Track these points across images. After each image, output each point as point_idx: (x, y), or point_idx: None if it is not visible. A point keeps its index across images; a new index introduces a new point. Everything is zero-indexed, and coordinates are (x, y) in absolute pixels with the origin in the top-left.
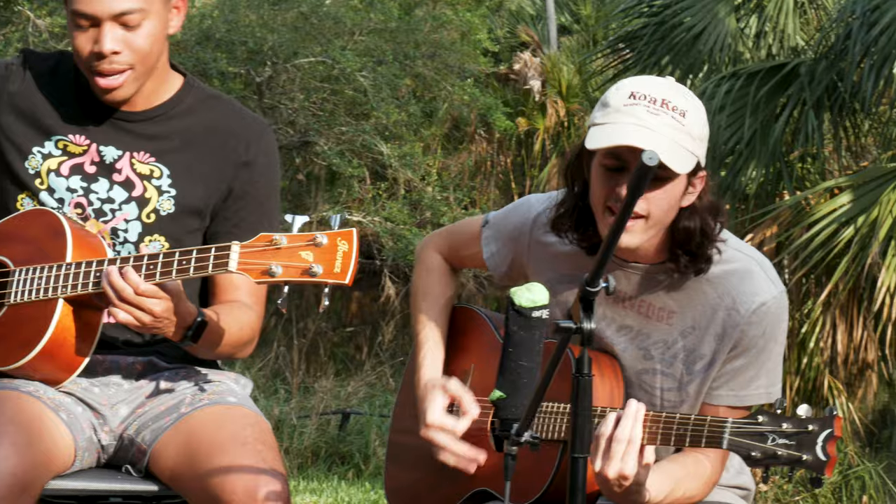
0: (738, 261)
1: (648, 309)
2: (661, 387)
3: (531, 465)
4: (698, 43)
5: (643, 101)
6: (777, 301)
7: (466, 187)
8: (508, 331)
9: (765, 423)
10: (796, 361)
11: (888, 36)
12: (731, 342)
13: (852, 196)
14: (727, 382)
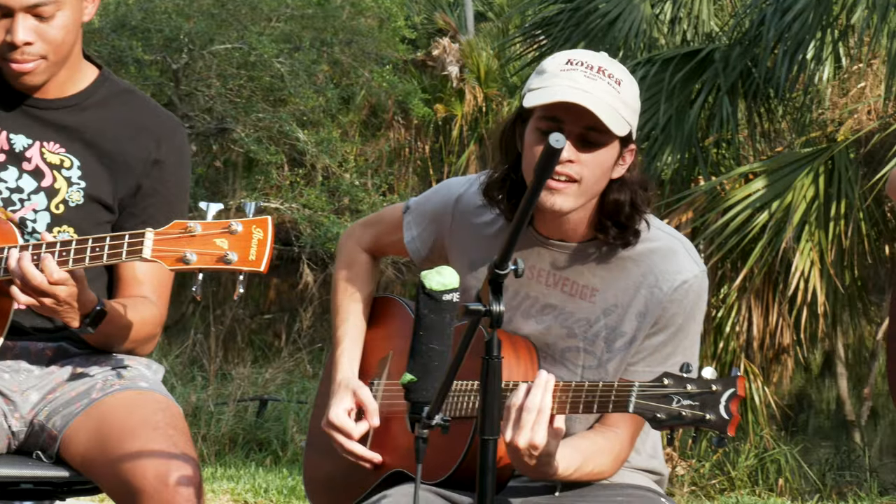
0: (660, 239)
1: (572, 287)
2: (582, 364)
3: (444, 443)
4: (613, 29)
5: (580, 66)
6: (699, 280)
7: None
8: (419, 314)
9: (670, 385)
10: (712, 346)
11: (801, 22)
12: (651, 319)
13: (766, 181)
14: (644, 359)
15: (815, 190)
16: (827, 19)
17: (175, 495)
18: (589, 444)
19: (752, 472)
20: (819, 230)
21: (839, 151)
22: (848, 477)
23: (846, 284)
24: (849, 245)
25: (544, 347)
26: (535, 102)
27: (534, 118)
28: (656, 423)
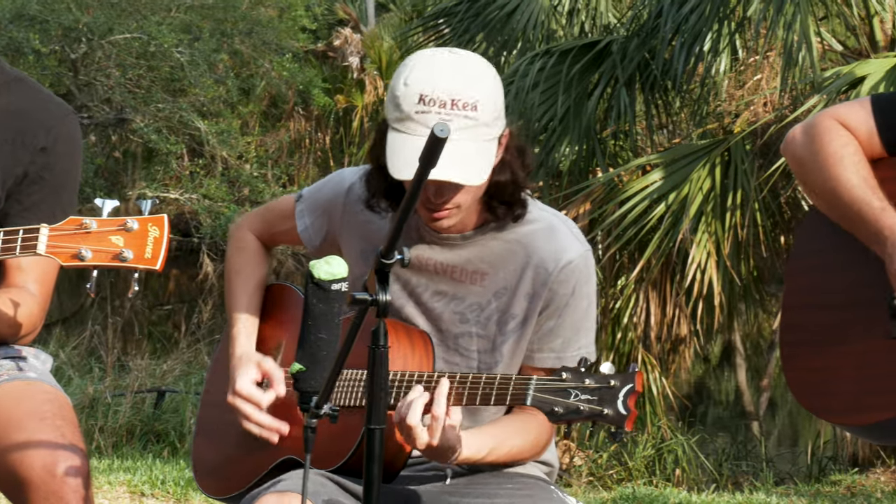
0: (542, 220)
1: (461, 274)
2: (476, 349)
3: (338, 432)
4: (511, 20)
5: (434, 106)
6: (583, 258)
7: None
8: (308, 304)
9: (568, 379)
10: (610, 336)
11: (698, 14)
12: (541, 301)
13: (664, 173)
14: (547, 343)
15: (711, 181)
16: (724, 11)
17: (62, 486)
18: (501, 429)
19: (649, 462)
20: (715, 221)
21: (735, 143)
22: (744, 467)
23: (742, 276)
24: (745, 236)
25: (438, 335)
26: (398, 174)
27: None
28: (554, 417)
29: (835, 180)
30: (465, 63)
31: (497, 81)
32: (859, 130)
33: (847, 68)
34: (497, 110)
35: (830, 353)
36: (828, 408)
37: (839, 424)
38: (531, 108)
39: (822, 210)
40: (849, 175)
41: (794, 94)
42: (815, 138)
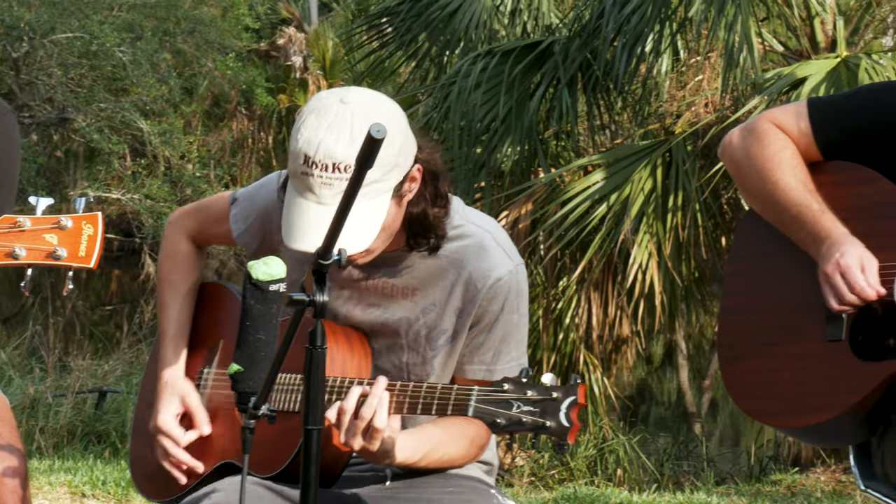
0: (472, 235)
1: (392, 289)
2: (406, 362)
3: (279, 437)
4: (454, 20)
5: (316, 169)
6: (513, 275)
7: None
8: (246, 305)
9: (510, 390)
10: (552, 337)
11: (640, 15)
12: (471, 317)
13: (605, 173)
14: (478, 356)
15: (652, 182)
16: (665, 12)
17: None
18: (439, 432)
19: (590, 462)
20: (657, 222)
21: (676, 144)
22: (686, 467)
23: (683, 276)
24: (686, 237)
25: (373, 343)
26: (288, 241)
27: None
28: (496, 428)
29: (772, 183)
30: (354, 118)
31: (398, 123)
32: (796, 134)
33: (788, 69)
34: (392, 161)
35: (768, 355)
36: (765, 410)
37: (777, 427)
38: (473, 108)
39: (759, 213)
40: (786, 178)
41: (736, 94)
42: (753, 142)
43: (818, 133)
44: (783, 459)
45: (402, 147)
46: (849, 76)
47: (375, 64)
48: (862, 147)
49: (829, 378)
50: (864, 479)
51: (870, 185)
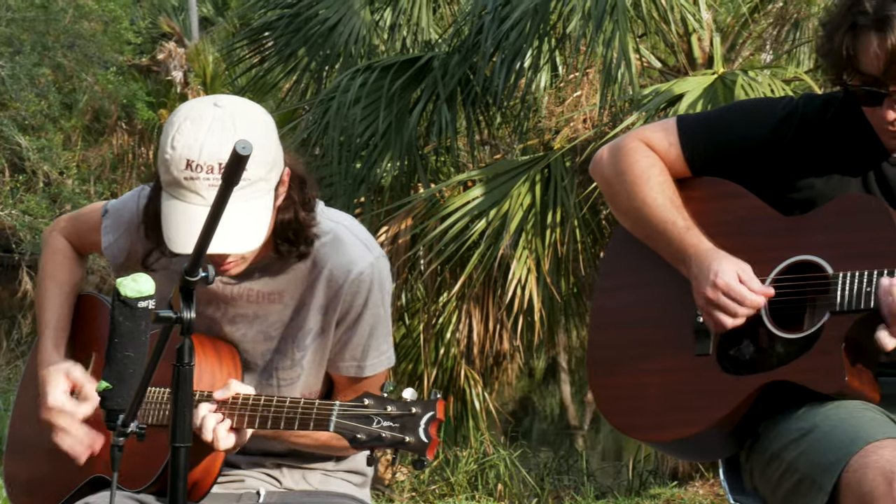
0: (329, 231)
1: (258, 296)
2: (279, 366)
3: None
4: (333, 35)
5: (202, 172)
6: (374, 267)
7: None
8: (114, 321)
9: (371, 405)
10: (433, 352)
11: (519, 31)
12: (336, 313)
13: (485, 189)
14: (348, 353)
15: (531, 198)
16: (544, 28)
17: None
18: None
19: (471, 477)
20: (536, 238)
21: (555, 160)
22: (566, 481)
23: (563, 292)
24: (565, 252)
25: (245, 354)
26: (170, 245)
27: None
28: (356, 444)
29: (640, 201)
30: (233, 119)
31: (269, 127)
32: (665, 151)
33: (665, 86)
34: (271, 161)
35: (636, 370)
36: (634, 425)
37: (646, 441)
38: (353, 123)
39: (629, 230)
40: (654, 195)
41: (614, 110)
42: (622, 159)
43: (686, 149)
44: (662, 473)
45: (277, 147)
46: (725, 92)
47: (256, 78)
48: (729, 162)
49: (696, 392)
50: (733, 493)
51: (736, 199)
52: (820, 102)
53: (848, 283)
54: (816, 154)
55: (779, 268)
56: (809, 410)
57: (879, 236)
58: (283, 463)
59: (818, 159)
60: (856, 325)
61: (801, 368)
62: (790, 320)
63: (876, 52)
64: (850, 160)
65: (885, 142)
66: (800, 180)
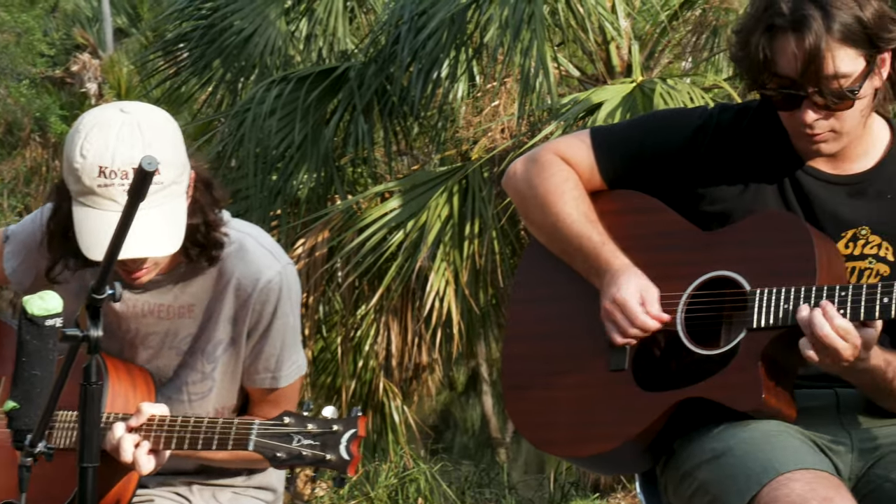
0: (235, 241)
1: (168, 311)
2: (189, 380)
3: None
4: (248, 46)
5: (116, 178)
6: (282, 276)
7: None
8: (21, 340)
9: (291, 423)
10: (352, 365)
11: (435, 40)
12: (245, 324)
13: (402, 200)
14: (261, 364)
15: (449, 209)
16: (461, 38)
17: None
18: None
19: (391, 492)
20: (454, 250)
21: (473, 170)
22: (488, 494)
23: (481, 304)
24: (483, 264)
25: (157, 372)
26: (87, 253)
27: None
28: (276, 462)
29: (555, 215)
30: (140, 124)
31: (176, 131)
32: (579, 164)
33: (584, 95)
34: (181, 163)
35: (552, 385)
36: (550, 440)
37: (562, 456)
38: (268, 135)
39: (543, 244)
40: (568, 210)
41: (532, 120)
42: (535, 173)
43: (601, 162)
44: (584, 485)
45: (184, 151)
46: (644, 101)
47: (171, 90)
48: (644, 175)
49: (612, 408)
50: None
51: (652, 213)
52: (734, 112)
53: (765, 301)
54: (732, 164)
55: (695, 283)
56: (725, 430)
57: (796, 253)
58: (194, 481)
59: (734, 170)
60: (773, 343)
61: (717, 385)
62: (707, 336)
63: (794, 53)
64: (766, 170)
65: (802, 147)
66: (716, 192)
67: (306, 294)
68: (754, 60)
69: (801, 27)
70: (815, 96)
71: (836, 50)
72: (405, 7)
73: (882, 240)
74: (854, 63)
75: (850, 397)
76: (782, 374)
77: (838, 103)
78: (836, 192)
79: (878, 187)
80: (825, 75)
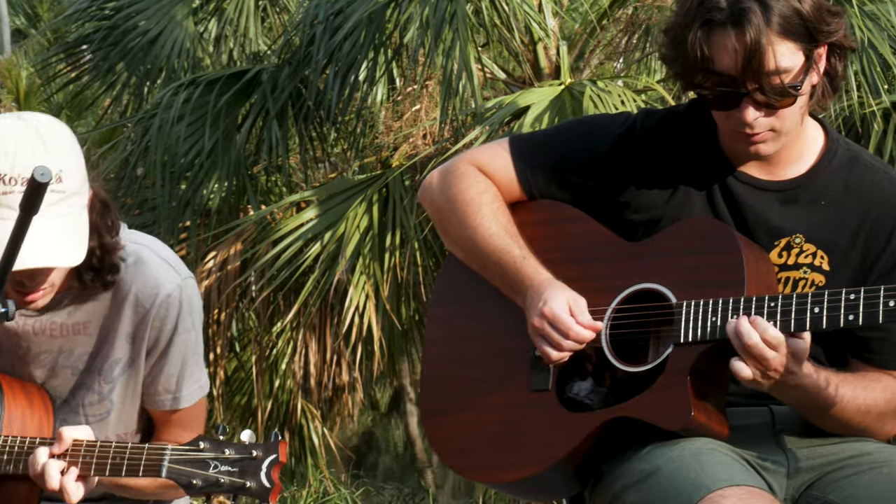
0: (132, 254)
1: (62, 329)
2: (85, 402)
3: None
4: (154, 48)
5: (16, 185)
6: (182, 289)
7: None
8: None
9: (206, 449)
10: (268, 385)
11: (352, 41)
12: (145, 342)
13: (319, 210)
14: (161, 384)
15: (369, 219)
16: (380, 38)
17: None
18: None
19: None
20: (374, 262)
21: (394, 178)
22: None
23: (403, 319)
24: (405, 277)
25: (53, 392)
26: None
27: None
28: (192, 490)
29: (472, 229)
30: (40, 131)
31: (76, 144)
32: (498, 174)
33: (510, 98)
34: (82, 175)
35: (473, 407)
36: (472, 465)
37: (485, 482)
38: (176, 142)
39: (461, 259)
40: (487, 223)
41: (455, 125)
42: (452, 184)
43: (520, 172)
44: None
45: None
46: (573, 104)
47: (73, 94)
48: (566, 184)
49: (535, 430)
50: None
51: (575, 224)
52: (659, 117)
53: (692, 313)
54: (658, 172)
55: (620, 297)
56: (653, 450)
57: (723, 262)
58: None
59: (660, 177)
60: (701, 357)
61: (644, 404)
62: (634, 352)
63: (735, 48)
64: (694, 176)
65: (738, 150)
66: (641, 200)
67: (218, 310)
68: (690, 59)
69: (741, 21)
70: (756, 93)
71: (776, 44)
72: (320, 6)
73: (817, 248)
74: (794, 57)
75: (787, 415)
76: (713, 390)
77: (780, 100)
78: (768, 199)
79: (812, 193)
80: (766, 71)
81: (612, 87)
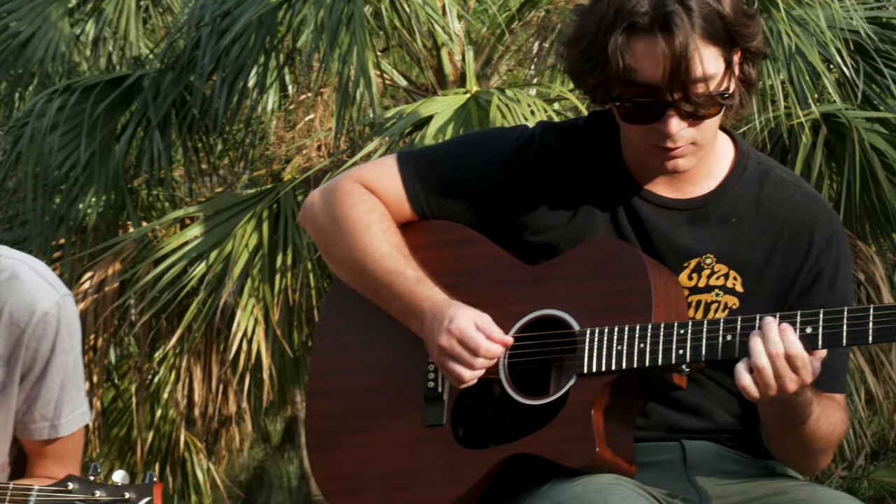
0: (7, 269)
1: None
2: None
3: None
4: (26, 51)
5: None
6: (61, 308)
7: None
8: None
9: (75, 490)
10: (149, 415)
11: (241, 45)
12: (19, 364)
13: (204, 227)
14: (38, 412)
15: (258, 237)
16: (271, 42)
17: None
18: None
19: None
20: (264, 284)
21: (285, 193)
22: None
23: (295, 346)
24: (297, 300)
25: None
26: None
27: None
28: None
29: (361, 250)
30: None
31: None
32: (385, 193)
33: (411, 107)
34: None
35: (361, 444)
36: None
37: None
38: (50, 153)
39: (348, 283)
40: (377, 244)
41: (352, 136)
42: (336, 204)
43: (410, 190)
44: None
45: None
46: (480, 114)
47: None
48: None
49: (429, 469)
50: None
51: (470, 247)
52: (558, 131)
53: (595, 342)
54: (557, 190)
55: (518, 324)
56: (554, 487)
57: (629, 286)
58: None
59: (559, 196)
60: (606, 389)
61: (544, 440)
62: (535, 384)
63: (664, 53)
64: (597, 196)
65: (653, 166)
66: (540, 221)
67: (94, 335)
68: (610, 70)
69: (668, 25)
70: (682, 103)
71: (702, 49)
72: (206, 7)
73: (729, 269)
74: (717, 63)
75: (699, 451)
76: (619, 424)
77: (706, 110)
78: (676, 219)
79: (721, 211)
80: (694, 78)
81: (521, 95)
